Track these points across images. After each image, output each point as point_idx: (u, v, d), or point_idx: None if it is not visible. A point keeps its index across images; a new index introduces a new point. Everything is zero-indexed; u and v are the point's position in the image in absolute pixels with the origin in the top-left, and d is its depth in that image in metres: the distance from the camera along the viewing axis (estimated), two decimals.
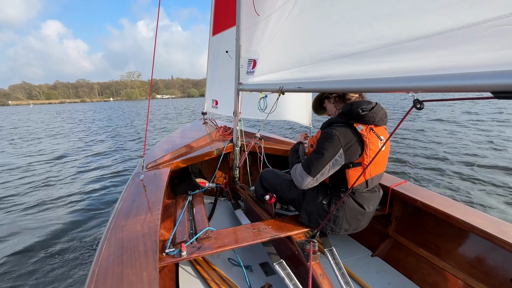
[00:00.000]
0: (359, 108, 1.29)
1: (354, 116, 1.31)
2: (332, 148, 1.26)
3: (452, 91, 0.81)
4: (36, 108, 66.45)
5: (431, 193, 1.58)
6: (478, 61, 0.79)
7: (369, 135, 1.28)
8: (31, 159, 6.89)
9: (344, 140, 1.27)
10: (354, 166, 1.31)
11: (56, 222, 3.30)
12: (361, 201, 1.37)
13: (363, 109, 1.28)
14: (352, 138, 1.28)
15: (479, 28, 0.79)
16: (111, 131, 12.24)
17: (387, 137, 1.38)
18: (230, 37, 2.72)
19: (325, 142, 1.28)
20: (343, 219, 1.37)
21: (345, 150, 1.26)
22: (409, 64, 1.00)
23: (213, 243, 1.32)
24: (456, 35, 0.85)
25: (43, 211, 3.68)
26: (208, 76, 3.58)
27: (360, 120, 1.30)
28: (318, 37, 1.45)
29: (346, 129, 1.30)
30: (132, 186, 1.65)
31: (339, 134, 1.27)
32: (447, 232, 1.45)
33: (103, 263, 0.97)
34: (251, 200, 1.99)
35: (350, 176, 1.32)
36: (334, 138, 1.26)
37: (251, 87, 1.99)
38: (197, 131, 3.07)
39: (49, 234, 3.01)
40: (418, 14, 0.95)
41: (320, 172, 1.29)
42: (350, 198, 1.37)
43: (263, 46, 1.94)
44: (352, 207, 1.36)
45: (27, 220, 3.40)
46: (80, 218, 3.40)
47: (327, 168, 1.29)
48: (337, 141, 1.26)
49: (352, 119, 1.32)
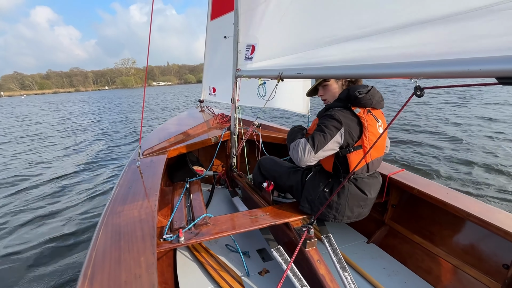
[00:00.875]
0: (356, 91, 1.32)
1: (352, 99, 1.34)
2: (333, 126, 1.28)
3: (456, 77, 0.80)
4: (28, 99, 63.39)
5: (428, 181, 1.59)
6: (482, 46, 0.77)
7: (367, 117, 1.31)
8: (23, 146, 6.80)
9: (345, 120, 1.29)
10: (355, 149, 1.32)
11: (50, 209, 3.30)
12: (362, 187, 1.38)
13: (360, 92, 1.31)
14: (351, 120, 1.31)
15: (484, 12, 0.77)
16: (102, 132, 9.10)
17: (384, 120, 1.40)
18: (228, 22, 2.64)
19: (327, 122, 1.30)
20: (345, 206, 1.37)
21: (345, 129, 1.28)
22: (412, 50, 0.97)
23: (211, 229, 1.32)
24: (460, 19, 0.83)
25: (34, 197, 3.67)
26: (205, 63, 3.51)
27: (357, 103, 1.33)
28: (319, 22, 1.41)
29: (345, 111, 1.32)
30: (129, 172, 1.64)
31: (340, 115, 1.30)
32: (442, 219, 1.47)
33: (100, 248, 0.96)
34: (248, 188, 2.00)
35: (351, 160, 1.32)
36: (335, 117, 1.29)
37: (250, 74, 1.96)
38: (194, 119, 3.04)
39: (42, 221, 3.01)
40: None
41: (322, 149, 1.28)
42: (352, 184, 1.37)
43: (262, 31, 1.89)
44: (354, 193, 1.37)
45: (20, 207, 3.39)
46: (75, 204, 3.40)
47: (329, 146, 1.28)
48: (338, 120, 1.28)
49: (350, 103, 1.35)
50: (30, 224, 2.97)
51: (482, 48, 0.77)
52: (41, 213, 3.21)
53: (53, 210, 3.29)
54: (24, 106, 30.85)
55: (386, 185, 1.64)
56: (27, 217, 3.13)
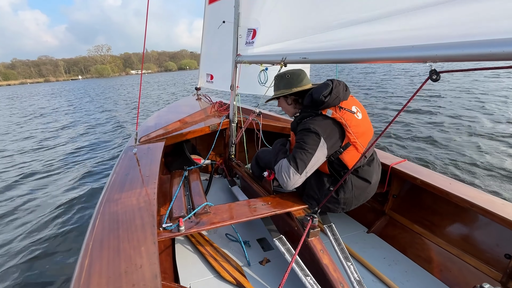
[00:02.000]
0: (320, 95, 1.26)
1: (319, 104, 1.29)
2: (312, 141, 1.25)
3: (475, 60, 0.76)
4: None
5: (430, 172, 1.58)
6: (504, 27, 0.73)
7: (341, 115, 1.28)
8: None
9: (321, 129, 1.26)
10: (345, 149, 1.30)
11: (42, 198, 3.22)
12: (364, 175, 1.37)
13: (325, 95, 1.26)
14: (327, 126, 1.28)
15: None
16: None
17: (357, 104, 1.38)
18: (228, 5, 2.54)
19: (304, 137, 1.27)
20: (352, 198, 1.36)
21: (325, 138, 1.26)
22: (427, 32, 0.93)
23: (211, 218, 1.29)
24: None
25: (28, 189, 3.57)
26: (202, 49, 3.39)
27: (326, 106, 1.29)
28: (326, 4, 1.35)
29: (317, 119, 1.29)
30: (125, 159, 1.58)
31: (314, 126, 1.26)
32: (444, 209, 1.47)
33: (98, 237, 0.92)
34: (248, 177, 1.96)
35: (346, 159, 1.31)
36: (312, 130, 1.26)
37: (251, 59, 1.88)
38: (191, 106, 2.97)
39: (34, 211, 2.93)
40: None
41: (308, 167, 1.27)
42: (354, 177, 1.36)
43: (264, 15, 1.81)
44: (358, 184, 1.36)
45: (15, 197, 3.30)
46: (68, 192, 3.32)
47: (314, 161, 1.27)
48: (315, 132, 1.25)
49: (318, 108, 1.31)
50: (22, 215, 2.89)
51: (504, 29, 0.73)
52: (32, 203, 3.13)
53: (44, 199, 3.21)
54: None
55: (388, 175, 1.62)
56: (17, 208, 3.05)
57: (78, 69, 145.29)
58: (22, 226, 2.68)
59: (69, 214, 2.82)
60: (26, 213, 2.93)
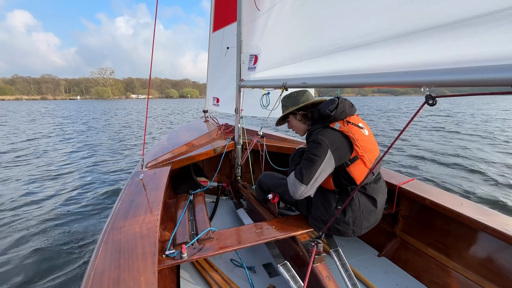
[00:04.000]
0: (326, 109, 1.32)
1: (326, 118, 1.34)
2: (319, 152, 1.26)
3: (469, 86, 0.76)
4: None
5: (440, 191, 1.53)
6: (495, 54, 0.74)
7: (349, 128, 1.30)
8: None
9: (329, 141, 1.27)
10: (352, 162, 1.30)
11: (51, 224, 3.25)
12: (372, 194, 1.35)
13: (331, 109, 1.31)
14: (335, 138, 1.29)
15: (496, 17, 0.73)
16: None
17: (363, 122, 1.41)
18: (231, 33, 2.67)
19: (312, 149, 1.29)
20: (361, 218, 1.33)
21: (332, 150, 1.27)
22: (420, 57, 0.94)
23: (214, 244, 1.28)
24: (471, 25, 0.80)
25: (35, 211, 3.62)
26: (208, 74, 3.52)
27: (333, 119, 1.33)
28: (322, 30, 1.40)
29: (326, 131, 1.31)
30: (131, 185, 1.61)
31: (323, 137, 1.28)
32: (457, 231, 1.41)
33: (99, 267, 0.93)
34: (253, 199, 1.95)
35: (353, 172, 1.30)
36: (319, 141, 1.27)
37: (253, 84, 1.94)
38: (198, 129, 3.03)
39: (43, 236, 2.96)
40: (429, 3, 0.89)
41: (313, 178, 1.27)
42: (361, 194, 1.34)
43: (265, 41, 1.89)
44: (365, 203, 1.34)
45: (21, 221, 3.35)
46: (77, 220, 3.35)
47: (319, 172, 1.27)
48: (323, 144, 1.26)
49: (327, 121, 1.35)
50: (28, 241, 2.91)
51: (495, 55, 0.74)
52: (42, 229, 3.16)
53: (54, 225, 3.24)
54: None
55: (396, 195, 1.58)
56: (25, 233, 3.08)
57: (79, 89, 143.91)
58: (27, 249, 2.71)
59: (74, 243, 2.84)
60: (32, 238, 2.95)
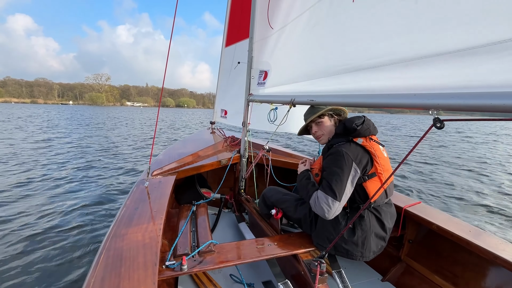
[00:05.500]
0: (353, 123, 1.34)
1: (351, 132, 1.35)
2: (345, 164, 1.24)
3: (477, 111, 0.77)
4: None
5: (447, 216, 1.49)
6: (503, 81, 0.75)
7: (371, 145, 1.31)
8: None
9: (352, 154, 1.27)
10: (369, 178, 1.28)
11: (55, 227, 3.26)
12: (382, 217, 1.32)
13: (357, 124, 1.33)
14: (358, 152, 1.29)
15: (504, 47, 0.75)
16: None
17: (380, 143, 1.41)
18: (242, 48, 2.75)
19: (337, 161, 1.27)
20: (370, 240, 1.29)
21: (357, 163, 1.26)
22: (428, 81, 0.96)
23: (215, 257, 1.26)
24: (478, 53, 0.81)
25: (41, 216, 3.63)
26: (218, 86, 3.61)
27: (357, 134, 1.34)
28: (332, 50, 1.43)
29: (349, 145, 1.31)
30: (136, 192, 1.62)
31: (347, 150, 1.28)
32: (465, 259, 1.36)
33: (99, 274, 0.92)
34: (256, 213, 1.94)
35: (369, 188, 1.27)
36: (343, 154, 1.27)
37: (262, 98, 1.98)
38: (204, 140, 3.06)
39: (46, 239, 2.96)
40: (437, 31, 0.92)
41: (344, 193, 1.23)
42: (372, 215, 1.30)
43: (275, 58, 1.94)
44: (375, 225, 1.30)
45: (24, 227, 3.35)
46: (81, 224, 3.36)
47: (348, 186, 1.24)
48: (347, 156, 1.26)
49: (350, 135, 1.35)
50: (28, 245, 2.89)
51: (503, 82, 0.75)
52: (46, 233, 3.16)
53: (54, 231, 3.24)
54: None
55: (402, 218, 1.55)
56: (27, 237, 3.07)
57: (73, 94, 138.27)
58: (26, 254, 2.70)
59: (77, 247, 2.83)
60: (34, 243, 2.95)
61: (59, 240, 2.95)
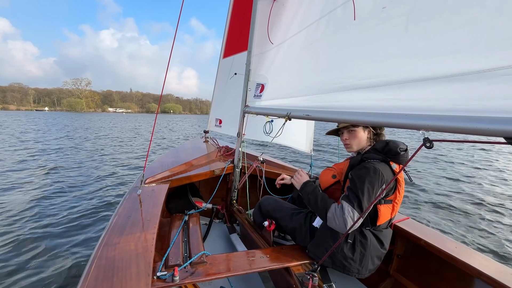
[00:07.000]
0: (398, 147, 1.31)
1: (392, 154, 1.32)
2: (377, 184, 1.23)
3: (464, 133, 0.82)
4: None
5: (435, 233, 1.54)
6: (485, 106, 0.81)
7: (401, 174, 1.32)
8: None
9: (385, 176, 1.26)
10: (386, 202, 1.31)
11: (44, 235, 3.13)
12: (382, 239, 1.35)
13: (401, 149, 1.31)
14: (390, 176, 1.28)
15: (490, 75, 0.81)
16: None
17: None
18: (240, 61, 2.81)
19: (371, 178, 1.24)
20: (369, 258, 1.31)
21: (385, 183, 1.26)
22: (418, 103, 1.01)
23: (207, 268, 1.25)
24: (467, 79, 0.87)
25: (28, 223, 3.49)
26: (214, 96, 3.64)
27: (395, 159, 1.32)
28: (328, 68, 1.49)
29: (384, 165, 1.30)
30: (129, 200, 1.60)
31: (382, 170, 1.26)
32: (452, 275, 1.39)
33: (91, 284, 0.90)
34: (248, 225, 1.93)
35: (382, 212, 1.30)
36: (378, 172, 1.24)
37: (258, 110, 2.01)
38: (198, 149, 3.06)
39: (35, 248, 2.84)
40: (430, 56, 0.98)
41: (368, 211, 1.18)
42: (373, 236, 1.34)
43: (273, 72, 2.00)
44: (375, 245, 1.33)
45: (12, 236, 3.21)
46: (71, 231, 3.25)
47: (372, 205, 1.21)
48: (381, 176, 1.24)
49: (389, 157, 1.32)
50: (17, 253, 2.78)
51: (485, 108, 0.80)
52: (35, 241, 3.03)
53: (47, 234, 3.13)
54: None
55: None
56: (15, 246, 2.94)
57: (51, 100, 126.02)
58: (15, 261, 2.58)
59: (67, 254, 2.73)
60: (22, 253, 2.82)
61: (49, 249, 2.83)
